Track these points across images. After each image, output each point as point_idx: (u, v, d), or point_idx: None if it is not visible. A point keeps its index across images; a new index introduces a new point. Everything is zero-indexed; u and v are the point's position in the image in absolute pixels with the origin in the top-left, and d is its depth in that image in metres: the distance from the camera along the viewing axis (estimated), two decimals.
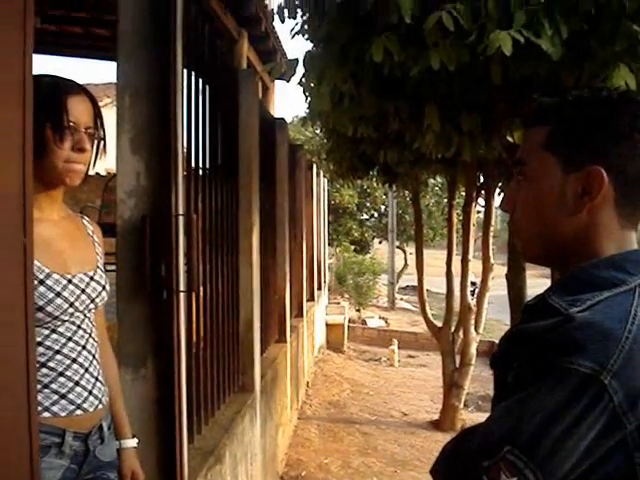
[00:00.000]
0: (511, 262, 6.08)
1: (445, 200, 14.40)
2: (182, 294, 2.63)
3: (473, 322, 7.43)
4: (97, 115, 1.81)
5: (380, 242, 21.69)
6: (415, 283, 9.24)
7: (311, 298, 9.91)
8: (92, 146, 1.79)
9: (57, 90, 1.75)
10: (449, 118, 3.67)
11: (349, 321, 13.29)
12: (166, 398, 2.63)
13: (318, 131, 10.90)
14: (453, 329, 7.63)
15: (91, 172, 1.87)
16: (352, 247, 19.17)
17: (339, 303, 13.31)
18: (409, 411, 8.09)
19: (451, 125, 3.72)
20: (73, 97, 1.75)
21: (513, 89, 2.94)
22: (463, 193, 8.30)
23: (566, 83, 2.66)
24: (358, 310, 15.15)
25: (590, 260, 1.06)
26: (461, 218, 8.53)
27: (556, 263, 1.15)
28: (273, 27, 7.36)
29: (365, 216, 21.13)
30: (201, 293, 3.72)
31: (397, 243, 19.49)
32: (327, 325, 11.81)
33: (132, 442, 2.06)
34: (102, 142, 1.84)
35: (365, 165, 6.78)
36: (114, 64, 2.63)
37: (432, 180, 12.73)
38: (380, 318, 15.08)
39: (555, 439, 0.91)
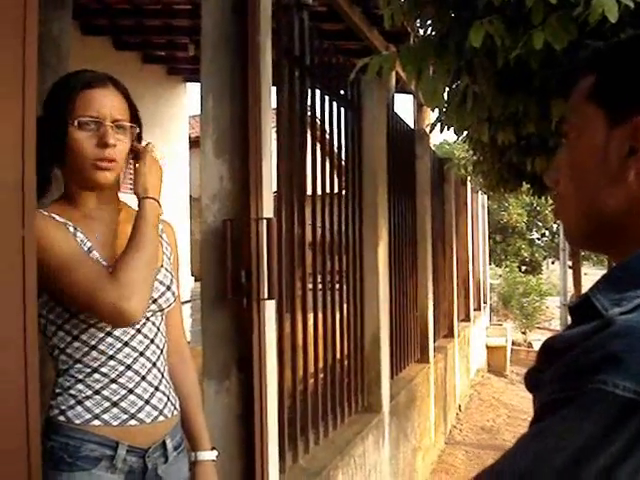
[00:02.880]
0: None
1: None
2: (266, 302, 2.50)
3: None
4: (130, 106, 1.68)
5: (553, 262, 20.60)
6: None
7: (466, 318, 9.52)
8: (127, 139, 1.66)
9: (66, 86, 1.64)
10: None
11: (513, 344, 12.63)
12: (252, 413, 2.50)
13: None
14: None
15: None
16: (520, 267, 18.31)
17: (501, 325, 12.70)
18: None
19: None
20: (92, 90, 1.62)
21: None
22: None
23: None
24: (524, 332, 14.40)
25: None
26: None
27: (606, 248, 0.87)
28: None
29: (535, 235, 20.19)
30: (314, 308, 3.59)
31: (570, 263, 18.35)
32: (488, 347, 11.27)
33: (210, 454, 1.87)
34: (138, 135, 1.70)
35: (514, 176, 6.38)
36: None
37: None
38: None
39: None
